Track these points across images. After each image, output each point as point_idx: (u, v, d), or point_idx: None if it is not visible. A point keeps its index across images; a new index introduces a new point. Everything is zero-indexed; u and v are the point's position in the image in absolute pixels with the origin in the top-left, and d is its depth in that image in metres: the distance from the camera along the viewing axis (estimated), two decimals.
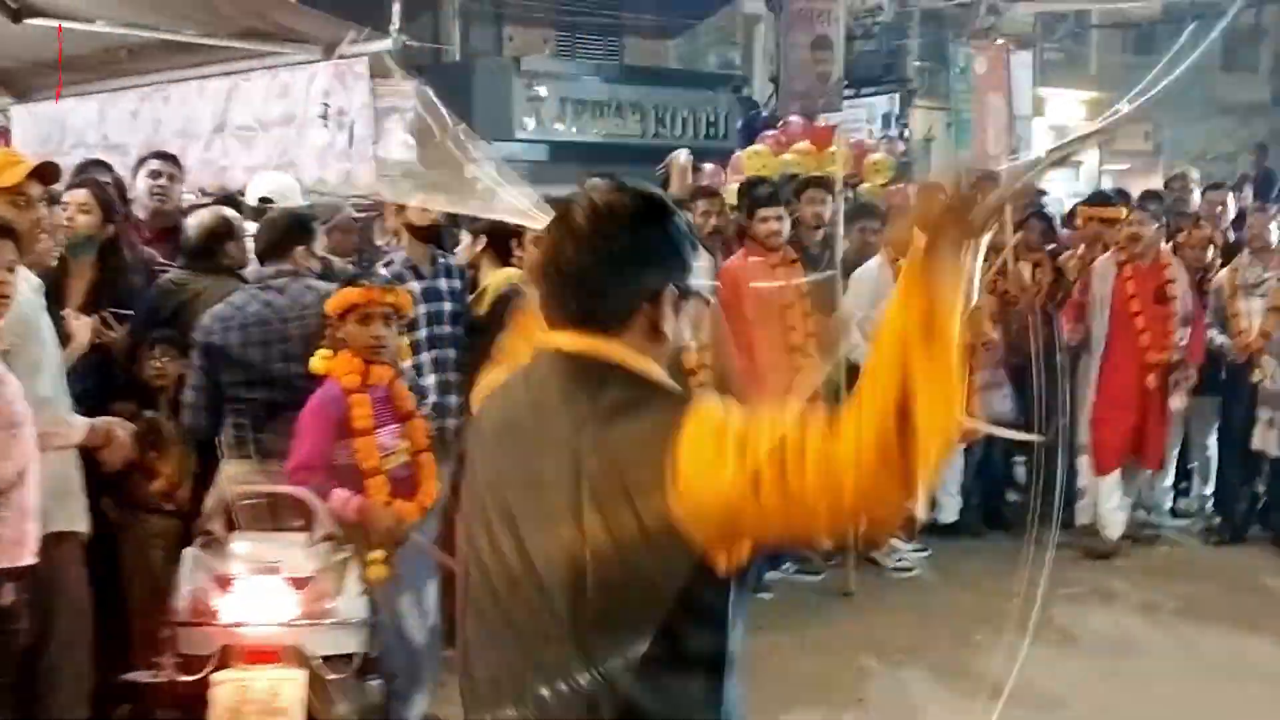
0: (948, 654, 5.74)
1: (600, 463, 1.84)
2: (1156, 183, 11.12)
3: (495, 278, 5.43)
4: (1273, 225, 7.10)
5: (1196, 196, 8.04)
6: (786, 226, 6.39)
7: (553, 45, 19.18)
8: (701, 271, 6.32)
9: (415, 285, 5.16)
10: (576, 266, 1.95)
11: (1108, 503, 7.02)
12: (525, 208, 3.67)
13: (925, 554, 7.08)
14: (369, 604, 4.09)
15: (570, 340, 1.96)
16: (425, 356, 5.22)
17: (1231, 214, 7.88)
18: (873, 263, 6.74)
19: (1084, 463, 7.13)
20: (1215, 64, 26.56)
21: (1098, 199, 7.99)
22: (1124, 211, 7.28)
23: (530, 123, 17.90)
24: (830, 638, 6.04)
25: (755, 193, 6.62)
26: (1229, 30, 27.69)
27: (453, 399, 5.31)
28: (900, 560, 6.88)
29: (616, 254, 1.95)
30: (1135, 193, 8.39)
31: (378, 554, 4.15)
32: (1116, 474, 7.05)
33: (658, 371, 1.97)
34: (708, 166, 8.98)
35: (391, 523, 4.19)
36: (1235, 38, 27.95)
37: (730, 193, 7.48)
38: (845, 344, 6.38)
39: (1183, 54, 3.55)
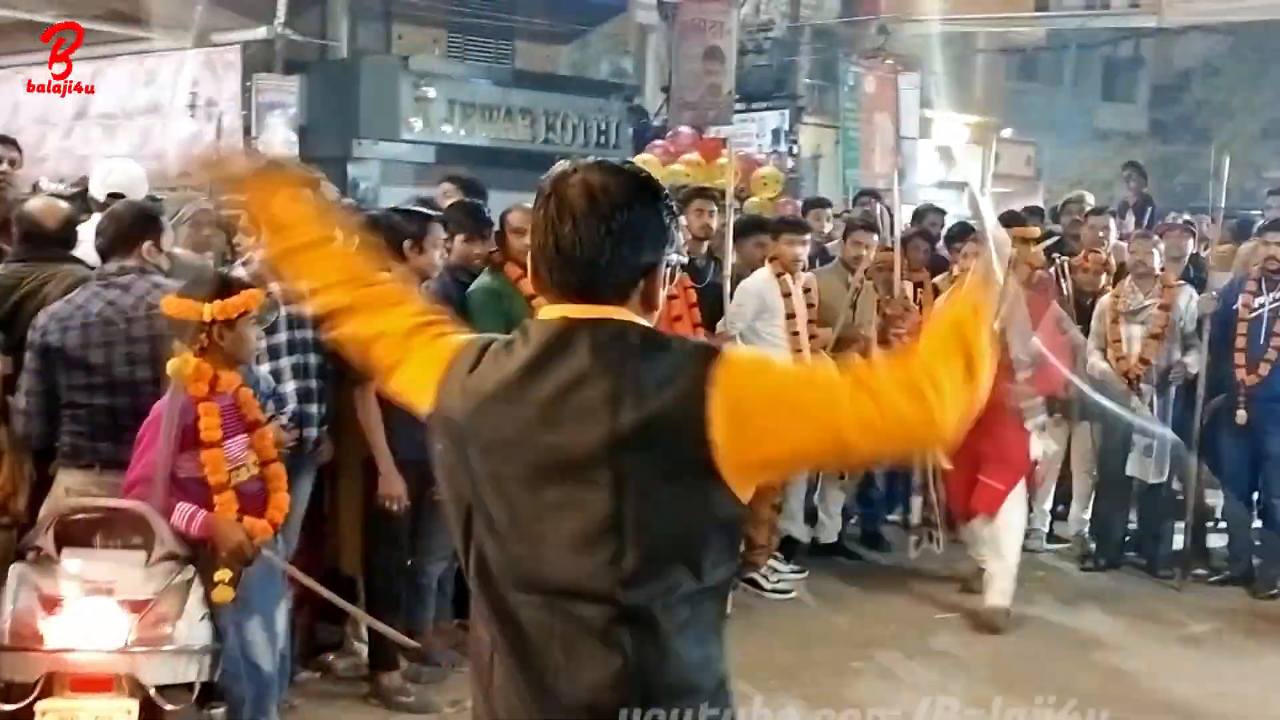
0: (824, 680, 5.61)
1: (638, 417, 1.96)
2: (1039, 205, 11.20)
3: None
4: (1155, 251, 7.13)
5: (1111, 223, 8.05)
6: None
7: (443, 46, 18.92)
8: None
9: (276, 286, 4.88)
10: (578, 243, 2.04)
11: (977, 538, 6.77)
12: None
13: (803, 576, 6.95)
14: (213, 629, 3.82)
15: (580, 310, 2.06)
16: (285, 362, 4.95)
17: (1114, 239, 7.88)
18: (759, 275, 6.60)
19: None
20: (1095, 92, 27.21)
21: (1011, 218, 7.90)
22: (1037, 230, 7.23)
23: (418, 123, 17.57)
24: None
25: None
26: (1108, 60, 28.50)
27: (314, 407, 5.05)
28: (779, 582, 6.74)
29: (616, 231, 2.04)
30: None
31: (224, 574, 3.88)
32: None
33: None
34: None
35: (241, 539, 3.92)
36: (1114, 68, 28.70)
37: None
38: None
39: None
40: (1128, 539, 7.61)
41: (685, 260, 6.27)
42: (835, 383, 2.00)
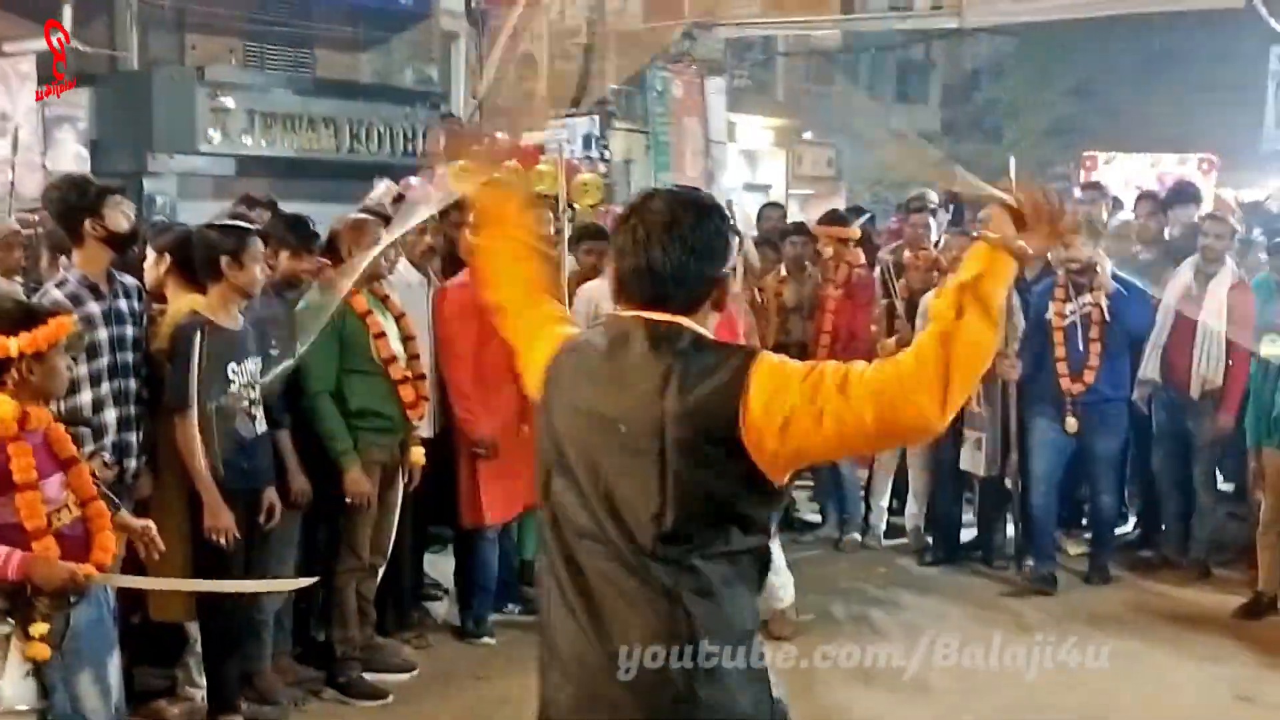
0: None
1: (682, 407, 2.32)
2: (839, 206, 11.38)
3: (177, 305, 4.88)
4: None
5: (930, 221, 8.12)
6: None
7: (239, 55, 18.32)
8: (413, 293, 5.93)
9: (95, 307, 4.58)
10: (660, 259, 2.40)
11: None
12: None
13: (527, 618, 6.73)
14: (38, 686, 3.50)
15: (648, 313, 2.43)
16: (106, 388, 4.64)
17: (934, 237, 7.99)
18: (593, 283, 6.43)
19: None
20: (890, 94, 27.98)
21: (832, 217, 7.96)
22: (858, 231, 7.27)
23: (216, 135, 17.00)
24: None
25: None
26: (902, 62, 29.34)
27: (133, 436, 4.73)
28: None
29: (693, 248, 2.40)
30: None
31: (40, 629, 3.56)
32: None
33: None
34: (414, 180, 8.53)
35: (65, 576, 3.60)
36: (908, 70, 29.55)
37: None
38: None
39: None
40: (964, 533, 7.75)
41: None
42: (842, 382, 2.29)
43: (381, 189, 7.19)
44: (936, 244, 7.91)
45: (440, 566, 6.85)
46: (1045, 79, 26.38)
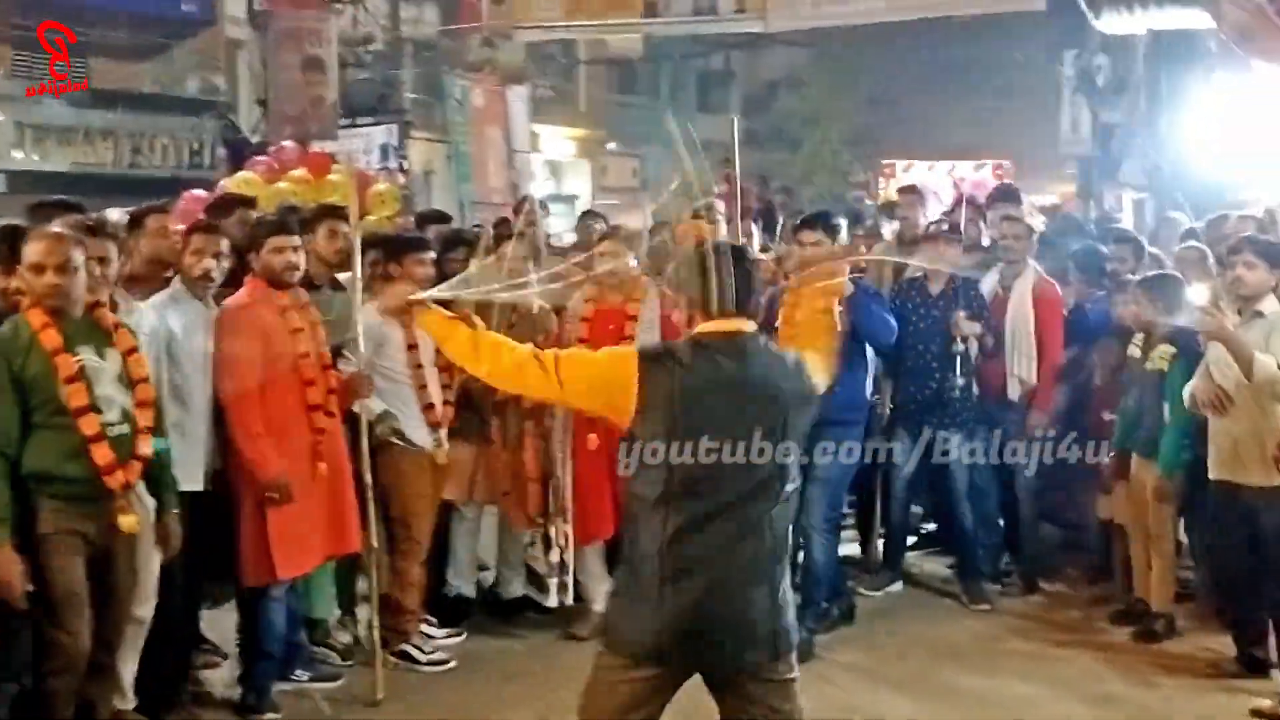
0: None
1: (795, 392, 3.41)
2: (647, 218, 11.09)
3: None
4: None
5: (723, 227, 7.83)
6: (303, 259, 5.33)
7: (7, 65, 17.29)
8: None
9: None
10: (739, 280, 3.36)
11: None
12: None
13: (461, 638, 6.14)
14: None
15: (744, 324, 3.38)
16: None
17: (756, 243, 7.73)
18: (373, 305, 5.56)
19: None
20: (691, 104, 28.10)
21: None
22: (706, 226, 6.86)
23: None
24: None
25: (262, 220, 5.58)
26: (701, 73, 29.47)
27: None
28: (434, 652, 5.88)
29: (755, 271, 3.49)
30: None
31: None
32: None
33: None
34: (199, 193, 7.94)
35: None
36: (708, 80, 29.71)
37: None
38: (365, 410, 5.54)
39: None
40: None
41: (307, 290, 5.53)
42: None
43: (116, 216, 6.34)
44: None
45: (220, 624, 5.84)
46: (842, 89, 26.83)
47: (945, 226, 7.22)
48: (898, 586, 7.05)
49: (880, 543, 7.30)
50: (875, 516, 7.31)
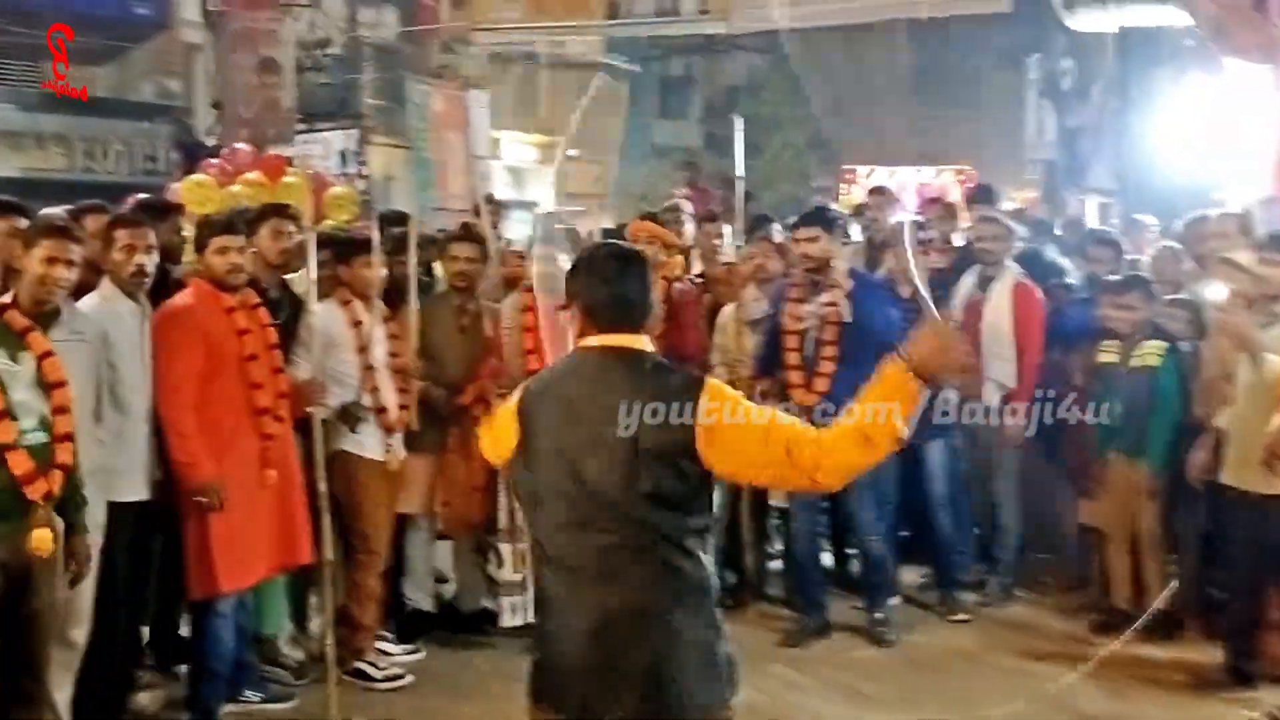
0: None
1: (649, 413, 2.91)
2: (609, 223, 10.89)
3: None
4: (775, 255, 6.71)
5: (690, 229, 7.65)
6: (249, 260, 5.14)
7: None
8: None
9: None
10: (620, 291, 3.05)
11: None
12: None
13: (418, 656, 5.94)
14: None
15: (614, 339, 3.04)
16: None
17: (726, 246, 7.53)
18: (321, 306, 5.43)
19: None
20: (653, 110, 28.02)
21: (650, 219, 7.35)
22: (683, 235, 6.67)
23: None
24: None
25: (207, 220, 5.32)
26: (663, 79, 29.40)
27: None
28: (389, 669, 5.67)
29: (642, 281, 3.10)
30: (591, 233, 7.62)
31: None
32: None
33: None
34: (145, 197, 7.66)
35: None
36: (669, 86, 29.63)
37: None
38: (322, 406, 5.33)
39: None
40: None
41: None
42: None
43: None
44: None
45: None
46: (802, 95, 26.76)
47: (932, 236, 7.01)
48: (895, 600, 6.72)
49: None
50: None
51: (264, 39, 12.68)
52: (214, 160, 9.26)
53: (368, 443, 5.57)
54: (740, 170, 7.01)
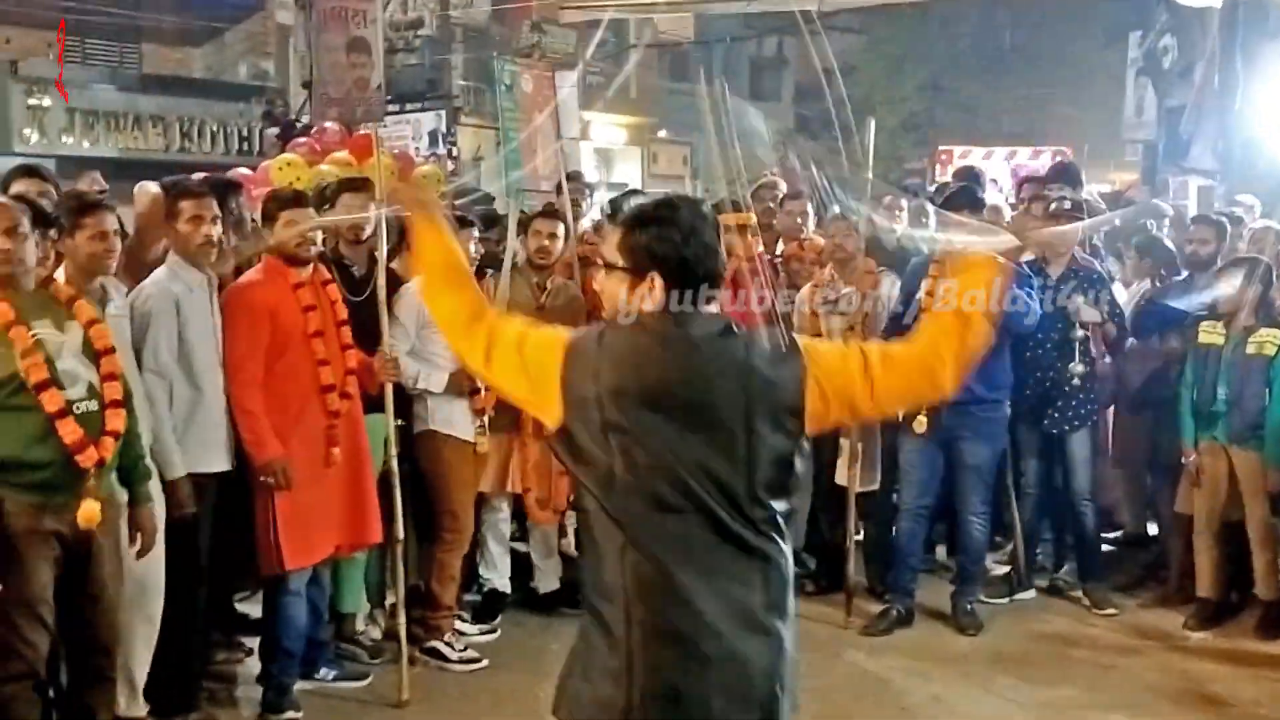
0: None
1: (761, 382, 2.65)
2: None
3: None
4: (855, 233, 6.51)
5: (808, 208, 7.48)
6: (319, 236, 5.10)
7: (57, 50, 17.47)
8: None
9: None
10: (717, 248, 2.71)
11: None
12: None
13: (494, 636, 5.89)
14: None
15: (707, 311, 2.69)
16: None
17: (812, 224, 7.38)
18: (413, 285, 5.30)
19: None
20: (744, 91, 27.82)
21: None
22: (753, 218, 6.52)
23: (33, 134, 16.17)
24: None
25: (276, 194, 5.30)
26: (754, 60, 29.15)
27: None
28: (465, 650, 5.60)
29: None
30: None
31: None
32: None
33: None
34: (244, 172, 7.76)
35: None
36: (760, 67, 29.39)
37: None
38: (407, 380, 5.31)
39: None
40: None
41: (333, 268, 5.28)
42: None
43: None
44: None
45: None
46: (896, 76, 26.43)
47: (1068, 205, 6.48)
48: (1030, 594, 6.56)
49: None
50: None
51: (354, 19, 12.75)
52: (303, 140, 9.33)
53: (458, 423, 5.53)
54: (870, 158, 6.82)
